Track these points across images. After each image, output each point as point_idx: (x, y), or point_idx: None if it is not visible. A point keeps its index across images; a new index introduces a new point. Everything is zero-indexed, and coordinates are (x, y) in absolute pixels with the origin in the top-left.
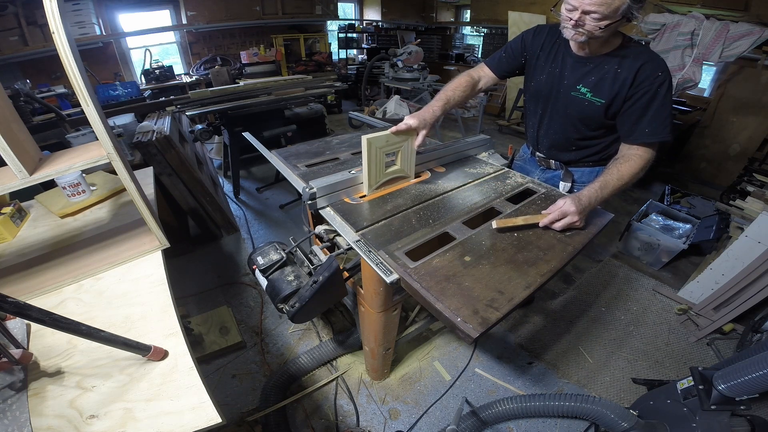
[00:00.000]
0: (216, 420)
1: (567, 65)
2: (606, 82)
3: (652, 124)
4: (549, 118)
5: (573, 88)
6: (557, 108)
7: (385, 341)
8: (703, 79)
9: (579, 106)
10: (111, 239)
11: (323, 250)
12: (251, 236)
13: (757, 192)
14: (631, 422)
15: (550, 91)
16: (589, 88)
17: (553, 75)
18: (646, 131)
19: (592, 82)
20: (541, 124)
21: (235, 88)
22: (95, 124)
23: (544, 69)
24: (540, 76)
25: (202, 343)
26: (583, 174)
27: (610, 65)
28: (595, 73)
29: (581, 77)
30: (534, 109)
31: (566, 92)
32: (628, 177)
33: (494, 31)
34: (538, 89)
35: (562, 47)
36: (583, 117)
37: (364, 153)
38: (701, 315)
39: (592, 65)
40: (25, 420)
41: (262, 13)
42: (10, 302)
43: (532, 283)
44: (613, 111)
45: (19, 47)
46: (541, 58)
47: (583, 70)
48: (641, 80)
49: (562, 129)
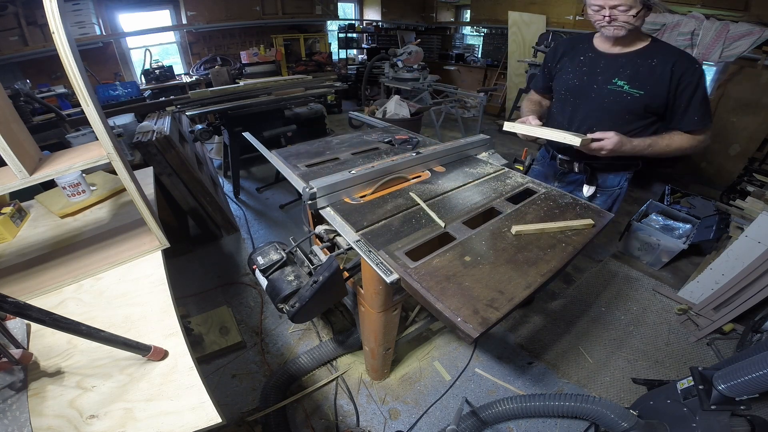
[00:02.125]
0: (216, 420)
1: (597, 63)
2: (642, 75)
3: (699, 111)
4: (582, 116)
5: (608, 82)
6: (591, 104)
7: (385, 341)
8: None
9: (617, 98)
10: (111, 239)
11: (323, 250)
12: (251, 236)
13: (757, 192)
14: (631, 422)
15: (581, 88)
16: (626, 81)
17: (581, 73)
18: (695, 119)
19: (628, 75)
20: (572, 123)
21: (235, 88)
22: (95, 124)
23: (569, 69)
24: (566, 75)
25: (202, 343)
26: (606, 180)
27: (643, 59)
28: (629, 66)
29: (616, 71)
30: (562, 109)
31: (601, 86)
32: (675, 146)
33: (494, 31)
34: (568, 88)
35: (588, 48)
36: (621, 110)
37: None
38: (701, 315)
39: (625, 60)
40: (25, 420)
41: (262, 13)
42: (10, 302)
43: (532, 283)
44: (655, 105)
45: (19, 47)
46: (564, 62)
47: (616, 65)
48: (681, 72)
49: (597, 125)
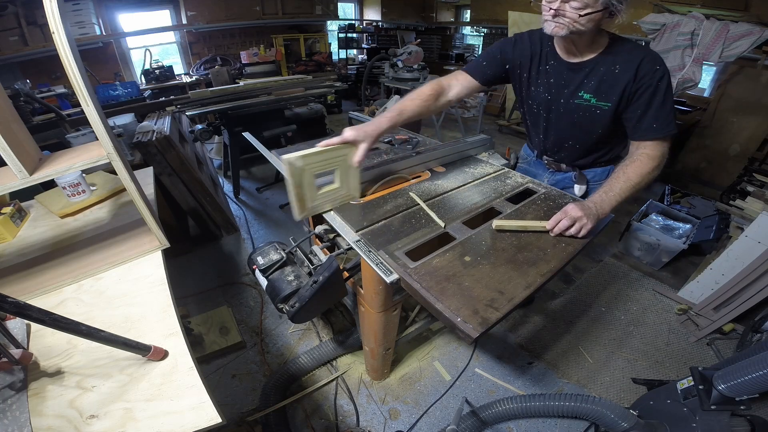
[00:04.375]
0: (216, 420)
1: (561, 74)
2: (606, 85)
3: (657, 118)
4: (556, 129)
5: (575, 95)
6: (562, 119)
7: (385, 341)
8: (703, 79)
9: (586, 112)
10: (111, 239)
11: (323, 250)
12: (251, 236)
13: (757, 192)
14: (631, 422)
15: (550, 103)
16: (592, 93)
17: (548, 86)
18: (653, 126)
19: (593, 86)
20: (548, 135)
21: (235, 88)
22: (95, 124)
23: (536, 82)
24: (535, 89)
25: (202, 343)
26: (596, 174)
27: (606, 66)
28: (592, 76)
29: (580, 83)
30: (535, 122)
31: (568, 101)
32: (637, 178)
33: (494, 31)
34: (537, 103)
35: (551, 56)
36: (592, 123)
37: (287, 176)
38: (701, 315)
39: (587, 69)
40: (25, 420)
41: (262, 13)
42: (10, 302)
43: (532, 283)
44: (620, 112)
45: (19, 47)
46: (532, 71)
47: (579, 76)
48: (641, 76)
49: (571, 138)
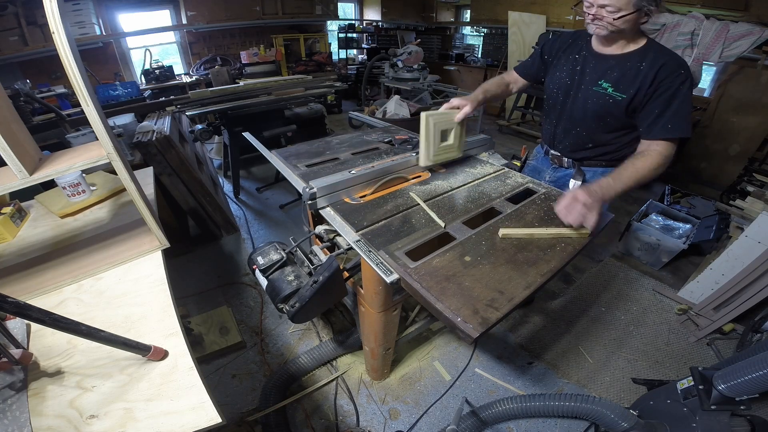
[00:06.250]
0: (216, 420)
1: (588, 63)
2: (628, 78)
3: (673, 119)
4: (569, 114)
5: (595, 83)
6: (577, 104)
7: (385, 341)
8: (703, 79)
9: (600, 100)
10: (111, 239)
11: (323, 250)
12: (251, 236)
13: (757, 192)
14: (631, 422)
15: (569, 87)
16: (611, 84)
17: (573, 71)
18: (668, 126)
19: (615, 77)
20: (560, 120)
21: (235, 88)
22: (95, 124)
23: (563, 66)
24: (560, 72)
25: (202, 343)
26: (594, 174)
27: (633, 62)
28: (617, 69)
29: (603, 73)
30: (552, 105)
31: (587, 87)
32: (644, 170)
33: (494, 31)
34: (559, 85)
35: (584, 46)
36: (603, 112)
37: (422, 128)
38: (701, 315)
39: (614, 62)
40: (25, 420)
41: (262, 13)
42: (10, 302)
43: (532, 283)
44: (633, 107)
45: (19, 47)
46: (561, 58)
47: (605, 66)
48: (663, 77)
49: (581, 124)
